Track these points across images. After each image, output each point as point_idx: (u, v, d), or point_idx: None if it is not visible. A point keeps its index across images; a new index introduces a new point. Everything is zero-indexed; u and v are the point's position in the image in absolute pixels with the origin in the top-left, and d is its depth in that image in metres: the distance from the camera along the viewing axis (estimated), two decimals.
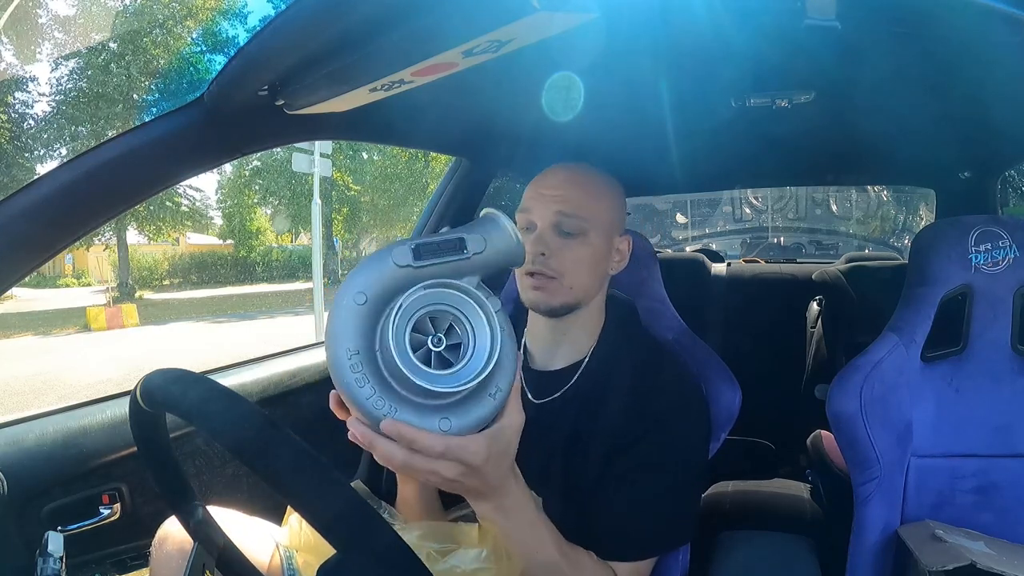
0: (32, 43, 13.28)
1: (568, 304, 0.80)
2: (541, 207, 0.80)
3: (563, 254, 0.79)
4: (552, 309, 0.80)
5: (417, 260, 0.51)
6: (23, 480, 0.81)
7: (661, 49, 0.81)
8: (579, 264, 0.80)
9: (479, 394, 0.54)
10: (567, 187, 0.81)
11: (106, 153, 0.67)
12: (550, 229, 0.80)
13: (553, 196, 0.80)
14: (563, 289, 0.79)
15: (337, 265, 18.82)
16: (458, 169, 1.42)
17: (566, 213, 0.79)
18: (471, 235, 0.54)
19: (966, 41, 0.72)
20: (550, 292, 0.79)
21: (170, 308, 13.45)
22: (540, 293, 0.79)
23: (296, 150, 9.01)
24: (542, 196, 0.81)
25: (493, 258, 0.54)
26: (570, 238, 0.80)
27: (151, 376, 0.52)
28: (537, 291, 0.79)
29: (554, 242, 0.79)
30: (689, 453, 0.78)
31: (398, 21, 0.58)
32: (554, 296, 0.79)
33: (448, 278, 0.52)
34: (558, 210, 0.79)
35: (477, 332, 0.53)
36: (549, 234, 0.79)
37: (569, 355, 0.84)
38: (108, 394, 0.99)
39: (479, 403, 0.54)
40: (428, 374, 0.50)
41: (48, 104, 14.01)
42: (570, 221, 0.79)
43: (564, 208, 0.79)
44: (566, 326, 0.83)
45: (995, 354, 0.88)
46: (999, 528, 0.85)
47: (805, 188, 6.36)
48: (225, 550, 0.64)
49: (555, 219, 0.79)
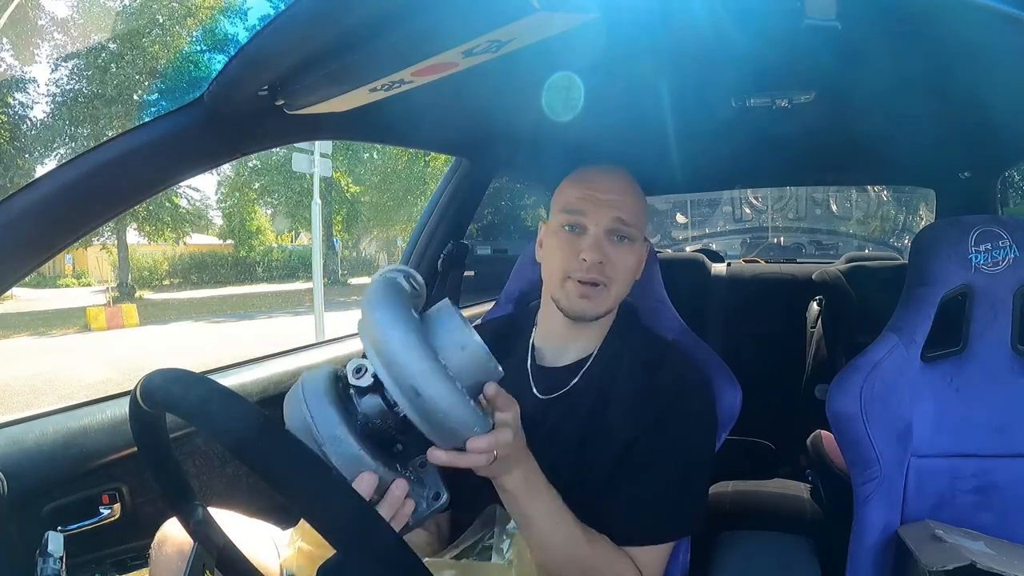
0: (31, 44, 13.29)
1: (609, 311, 0.81)
2: (596, 211, 0.79)
3: (616, 261, 0.79)
4: (597, 317, 0.80)
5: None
6: (23, 480, 0.81)
7: (661, 49, 0.82)
8: (627, 272, 0.80)
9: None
10: (623, 192, 0.80)
11: (106, 153, 0.67)
12: (605, 235, 0.79)
13: (610, 201, 0.79)
14: (609, 297, 0.80)
15: (337, 265, 18.83)
16: (458, 169, 1.42)
17: (624, 220, 0.79)
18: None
19: (966, 41, 0.72)
20: (598, 300, 0.79)
21: (170, 308, 13.44)
22: (588, 302, 0.79)
23: (296, 150, 9.01)
24: (597, 200, 0.79)
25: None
26: (623, 245, 0.79)
27: (151, 376, 0.52)
28: (585, 300, 0.78)
29: (610, 249, 0.79)
30: (698, 443, 0.79)
31: (398, 21, 0.58)
32: (600, 304, 0.79)
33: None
34: (616, 216, 0.79)
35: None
36: (605, 240, 0.78)
37: (577, 352, 0.84)
38: (108, 394, 0.99)
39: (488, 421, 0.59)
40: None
41: (47, 105, 14.02)
42: (626, 228, 0.79)
43: (622, 215, 0.79)
44: (583, 327, 0.83)
45: (995, 354, 0.88)
46: (999, 528, 0.85)
47: (805, 188, 6.37)
48: (225, 550, 0.64)
49: (613, 225, 0.79)
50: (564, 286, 0.79)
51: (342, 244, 20.15)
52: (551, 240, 0.82)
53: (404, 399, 0.52)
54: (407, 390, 0.51)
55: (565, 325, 0.83)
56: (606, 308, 0.80)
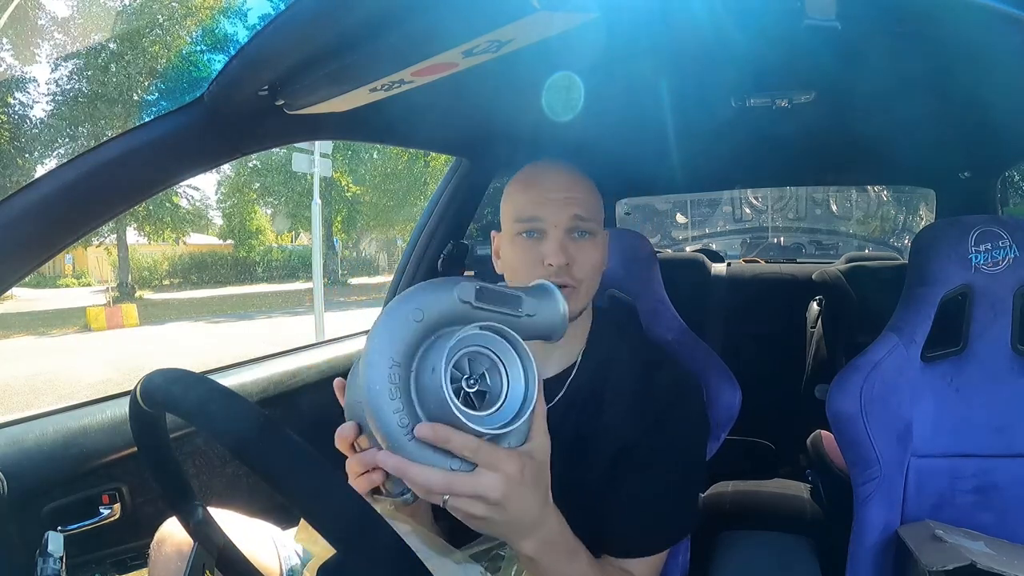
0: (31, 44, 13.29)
1: (580, 311, 0.78)
2: (553, 212, 0.75)
3: (582, 260, 0.76)
4: (572, 318, 0.76)
5: (478, 301, 0.53)
6: (23, 480, 0.81)
7: (661, 49, 0.81)
8: (594, 268, 0.78)
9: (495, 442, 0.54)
10: (575, 188, 0.77)
11: (106, 153, 0.67)
12: (566, 235, 0.76)
13: (565, 199, 0.76)
14: (581, 297, 0.77)
15: (337, 265, 18.83)
16: (458, 169, 1.42)
17: (582, 216, 0.76)
18: (527, 297, 0.56)
19: (966, 41, 0.72)
20: (571, 303, 0.74)
21: (170, 308, 13.44)
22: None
23: (296, 150, 9.00)
24: (551, 200, 0.76)
25: (538, 326, 0.56)
26: (584, 241, 0.77)
27: (151, 376, 0.52)
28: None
29: (573, 248, 0.76)
30: (691, 451, 0.78)
31: (398, 21, 0.58)
32: (574, 306, 0.75)
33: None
34: (574, 213, 0.75)
35: (512, 384, 0.53)
36: (567, 240, 0.75)
37: (560, 361, 0.82)
38: (108, 394, 0.99)
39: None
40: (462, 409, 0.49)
41: (48, 105, 14.02)
42: (585, 223, 0.76)
43: (579, 211, 0.75)
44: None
45: (995, 354, 0.88)
46: (999, 528, 0.85)
47: (805, 188, 6.37)
48: (225, 550, 0.64)
49: (571, 223, 0.76)
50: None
51: (342, 244, 20.15)
52: (509, 250, 0.79)
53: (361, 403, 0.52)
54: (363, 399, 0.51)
55: None
56: (580, 308, 0.78)
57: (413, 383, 0.50)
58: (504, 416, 0.52)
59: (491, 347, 0.52)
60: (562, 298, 0.57)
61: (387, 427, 0.50)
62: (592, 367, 0.80)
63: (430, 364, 0.50)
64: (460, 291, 0.52)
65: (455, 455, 0.50)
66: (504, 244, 0.81)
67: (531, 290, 0.57)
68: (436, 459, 0.50)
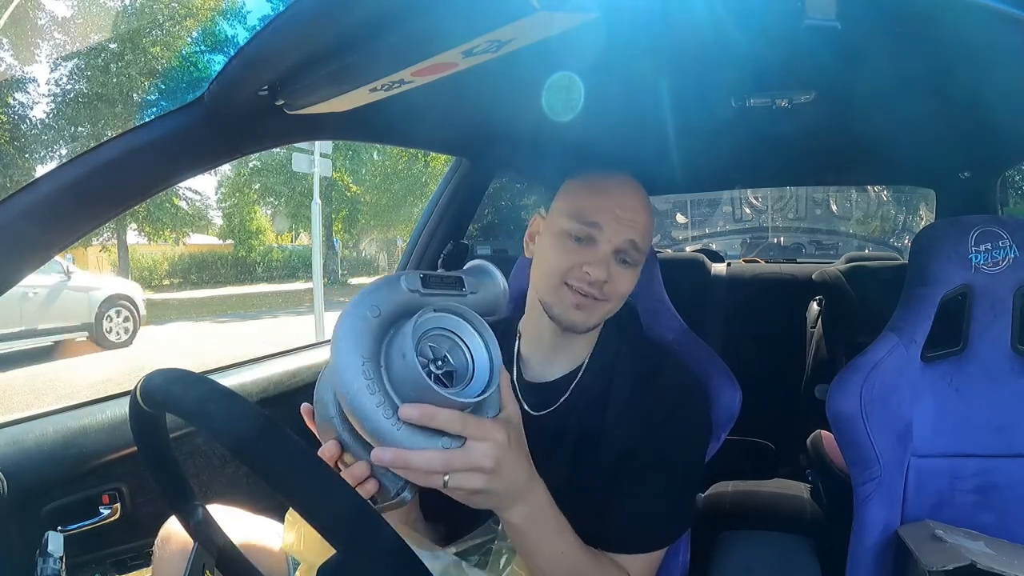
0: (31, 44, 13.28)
1: (596, 326, 0.79)
2: (614, 228, 0.74)
3: (619, 281, 0.75)
4: (588, 329, 0.77)
5: (424, 288, 0.56)
6: (23, 480, 0.81)
7: (661, 49, 0.81)
8: (624, 295, 0.77)
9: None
10: (643, 212, 0.76)
11: (106, 153, 0.67)
12: (613, 256, 0.75)
13: (630, 221, 0.75)
14: (602, 313, 0.77)
15: (337, 265, 18.82)
16: (458, 169, 1.42)
17: (636, 244, 0.75)
18: (468, 277, 0.60)
19: (966, 41, 0.72)
20: (591, 313, 0.75)
21: (170, 308, 13.42)
22: (582, 314, 0.75)
23: (296, 150, 9.00)
24: (616, 216, 0.75)
25: (480, 303, 0.60)
26: (627, 268, 0.76)
27: (151, 376, 0.52)
28: (579, 311, 0.75)
29: (614, 270, 0.75)
30: (691, 453, 0.78)
31: (398, 21, 0.58)
32: (592, 318, 0.76)
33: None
34: (631, 239, 0.75)
35: (476, 357, 0.56)
36: (613, 261, 0.75)
37: (566, 364, 0.82)
38: (108, 394, 0.99)
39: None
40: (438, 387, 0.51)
41: (48, 105, 14.01)
42: (636, 254, 0.76)
43: (637, 238, 0.75)
44: (572, 338, 0.80)
45: (995, 354, 0.88)
46: (999, 528, 0.85)
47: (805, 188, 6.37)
48: (225, 550, 0.64)
49: (625, 247, 0.75)
50: (559, 292, 0.75)
51: (342, 244, 20.14)
52: (550, 239, 0.78)
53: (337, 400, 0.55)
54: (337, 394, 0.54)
55: (553, 334, 0.79)
56: (596, 323, 0.78)
57: (386, 375, 0.52)
58: (477, 387, 0.55)
59: (448, 327, 0.56)
60: (500, 275, 0.61)
61: (374, 422, 0.51)
62: (597, 370, 0.81)
63: (398, 352, 0.52)
64: (407, 281, 0.55)
65: (443, 434, 0.52)
66: (546, 234, 0.80)
67: (469, 270, 0.62)
68: (426, 443, 0.52)
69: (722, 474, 1.55)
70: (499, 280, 0.61)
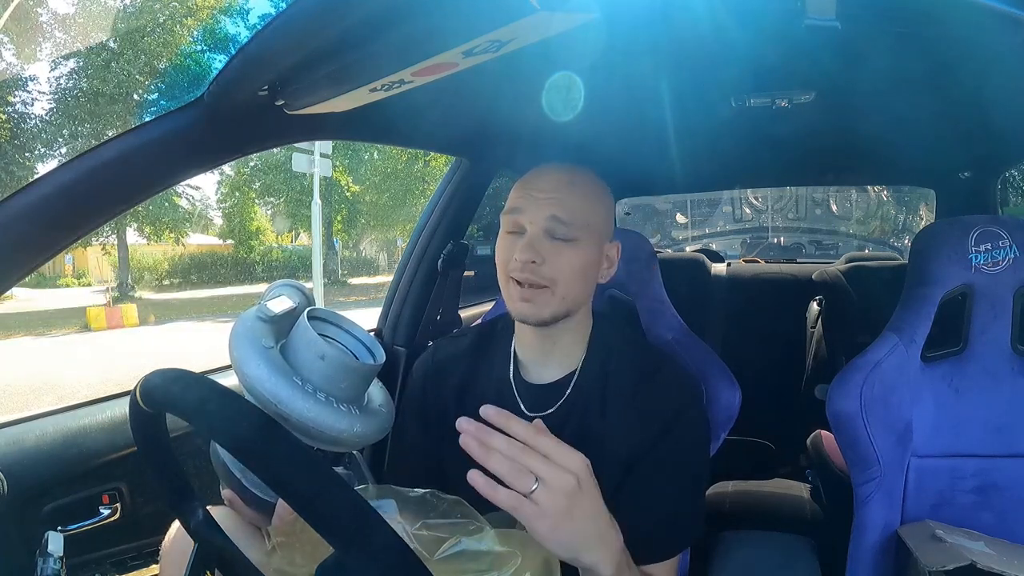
0: (32, 42, 13.28)
1: (558, 315, 0.77)
2: (533, 209, 0.75)
3: (556, 261, 0.74)
4: (542, 321, 0.76)
5: (268, 313, 0.64)
6: (23, 480, 0.82)
7: (661, 49, 0.81)
8: (572, 272, 0.75)
9: (371, 408, 0.67)
10: (561, 190, 0.76)
11: (106, 153, 0.67)
12: (542, 234, 0.75)
13: (547, 199, 0.75)
14: (555, 299, 0.75)
15: (337, 265, 18.83)
16: (458, 169, 1.42)
17: (560, 218, 0.74)
18: (280, 288, 0.69)
19: (966, 41, 0.72)
20: (540, 303, 0.75)
21: (170, 308, 13.43)
22: (529, 305, 0.75)
23: (296, 150, 9.01)
24: (533, 198, 0.76)
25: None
26: (562, 244, 0.75)
27: (151, 376, 0.52)
28: (526, 303, 0.75)
29: (546, 248, 0.74)
30: (698, 453, 0.78)
31: (398, 21, 0.58)
32: (544, 307, 0.75)
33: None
34: (552, 214, 0.74)
35: (361, 339, 0.70)
36: (540, 239, 0.75)
37: (561, 365, 0.81)
38: (108, 394, 0.99)
39: (374, 415, 0.65)
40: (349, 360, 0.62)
41: (48, 103, 14.01)
42: (563, 227, 0.75)
43: (558, 212, 0.74)
44: (556, 334, 0.79)
45: (995, 354, 0.88)
46: (999, 528, 0.85)
47: (805, 188, 6.37)
48: (225, 550, 0.64)
49: (548, 224, 0.75)
50: (508, 288, 0.76)
51: (342, 244, 20.14)
52: (498, 243, 0.80)
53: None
54: (278, 418, 0.56)
55: (536, 335, 0.80)
56: (551, 312, 0.76)
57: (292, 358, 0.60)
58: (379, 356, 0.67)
59: (330, 320, 0.68)
60: (292, 288, 0.68)
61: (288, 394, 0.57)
62: (594, 371, 0.80)
63: (311, 354, 0.60)
64: (258, 311, 0.63)
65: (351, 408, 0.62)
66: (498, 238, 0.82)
67: (274, 288, 0.70)
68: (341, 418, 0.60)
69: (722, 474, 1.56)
70: (289, 292, 0.68)
